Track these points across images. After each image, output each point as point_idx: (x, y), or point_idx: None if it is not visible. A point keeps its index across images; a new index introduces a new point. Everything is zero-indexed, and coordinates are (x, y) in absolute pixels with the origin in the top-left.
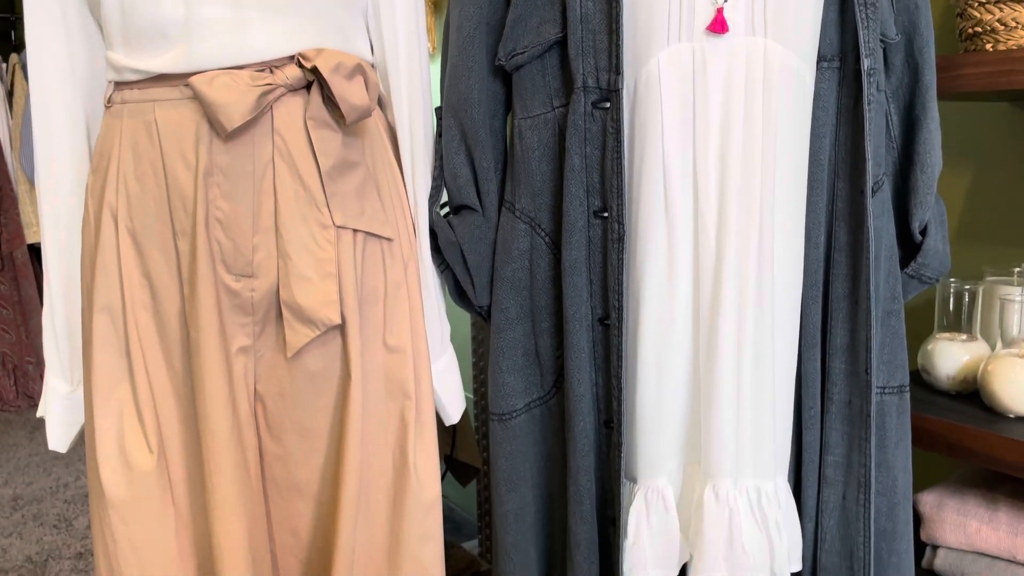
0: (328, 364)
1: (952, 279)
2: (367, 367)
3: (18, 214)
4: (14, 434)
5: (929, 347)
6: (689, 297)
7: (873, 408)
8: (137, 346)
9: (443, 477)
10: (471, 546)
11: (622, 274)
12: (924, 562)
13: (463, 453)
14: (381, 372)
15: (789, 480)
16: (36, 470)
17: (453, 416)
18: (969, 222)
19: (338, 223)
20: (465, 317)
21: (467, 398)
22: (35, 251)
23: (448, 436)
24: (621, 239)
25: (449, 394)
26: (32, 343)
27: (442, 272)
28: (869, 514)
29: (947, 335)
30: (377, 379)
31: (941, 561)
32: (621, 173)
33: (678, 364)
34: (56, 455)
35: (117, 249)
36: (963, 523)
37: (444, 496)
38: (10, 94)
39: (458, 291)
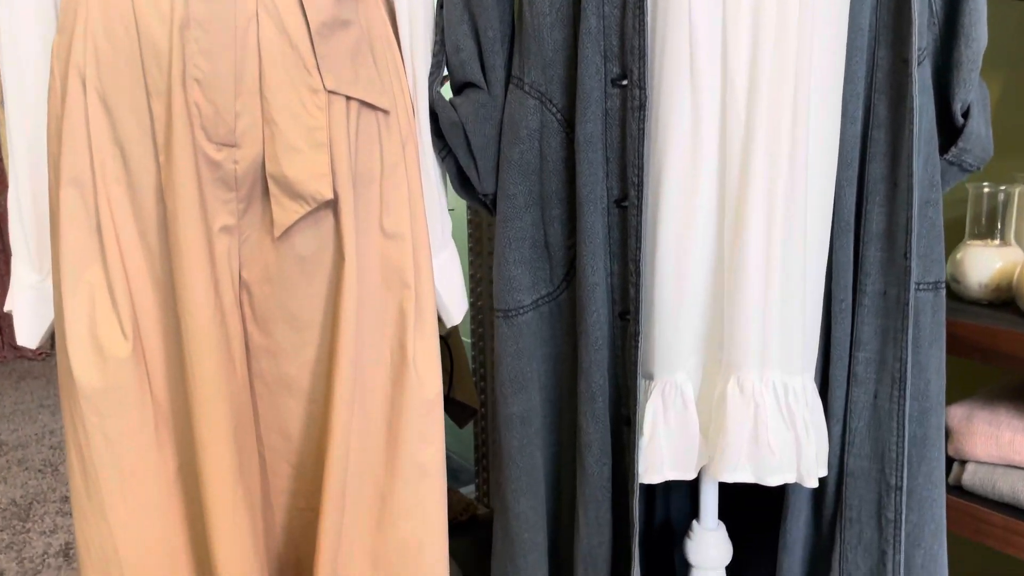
0: (319, 246)
1: (984, 183)
2: (362, 252)
3: (0, 159)
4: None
5: (959, 255)
6: (714, 174)
7: (911, 296)
8: (109, 222)
9: None
10: (468, 491)
11: (643, 146)
12: (951, 478)
13: (460, 392)
14: (377, 259)
15: (816, 381)
16: (22, 418)
17: (455, 316)
18: (999, 128)
19: (329, 87)
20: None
21: (465, 342)
22: None
23: (445, 375)
24: (642, 107)
25: (451, 292)
26: None
27: (443, 159)
28: (903, 412)
29: (979, 242)
30: (373, 266)
31: (970, 476)
32: (643, 32)
33: (701, 248)
34: (42, 403)
35: (85, 114)
36: (995, 434)
37: None
38: None
39: (460, 179)
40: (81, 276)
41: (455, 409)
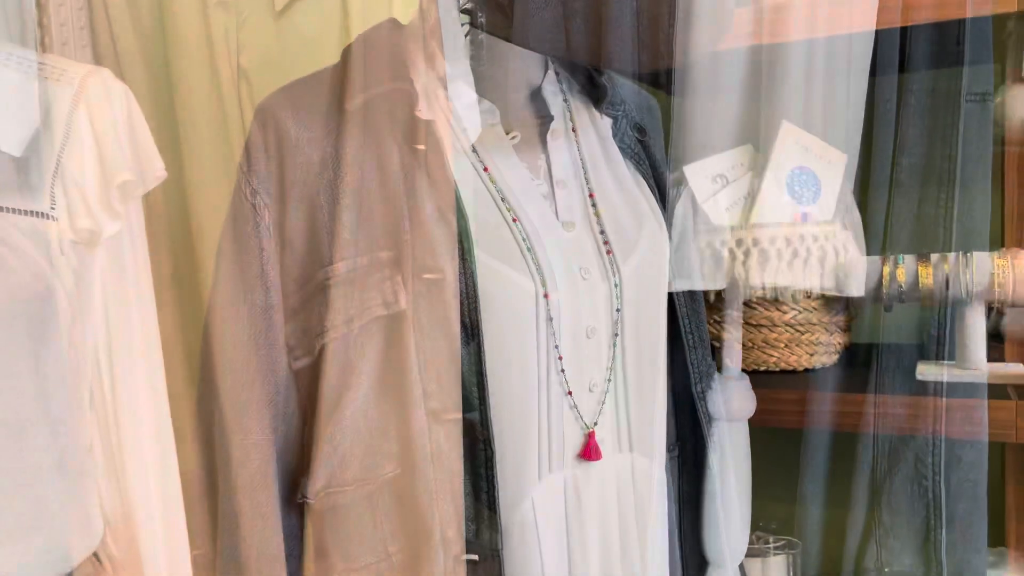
0: (324, 24)
1: None
2: (368, 33)
3: None
4: None
5: (999, 98)
6: None
7: (964, 85)
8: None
9: None
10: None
11: None
12: (990, 326)
13: None
14: (385, 48)
15: (854, 194)
16: None
17: (470, 134)
18: None
19: None
20: None
21: None
22: None
23: None
24: None
25: (466, 109)
26: None
27: None
28: (951, 216)
29: (1020, 84)
30: (380, 55)
31: (1012, 321)
32: None
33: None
34: None
35: None
36: None
37: None
38: None
39: None
40: (70, 63)
41: None
